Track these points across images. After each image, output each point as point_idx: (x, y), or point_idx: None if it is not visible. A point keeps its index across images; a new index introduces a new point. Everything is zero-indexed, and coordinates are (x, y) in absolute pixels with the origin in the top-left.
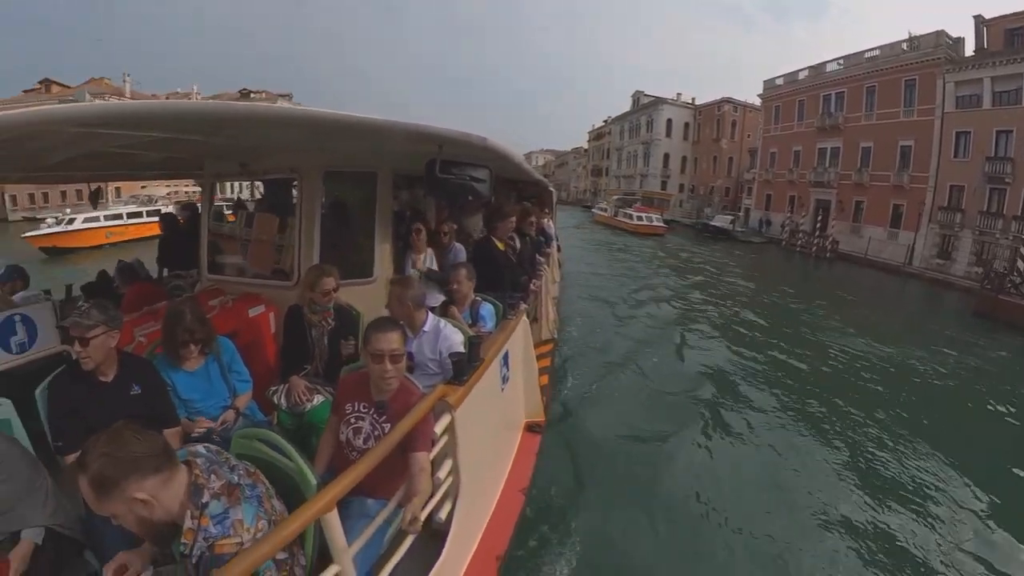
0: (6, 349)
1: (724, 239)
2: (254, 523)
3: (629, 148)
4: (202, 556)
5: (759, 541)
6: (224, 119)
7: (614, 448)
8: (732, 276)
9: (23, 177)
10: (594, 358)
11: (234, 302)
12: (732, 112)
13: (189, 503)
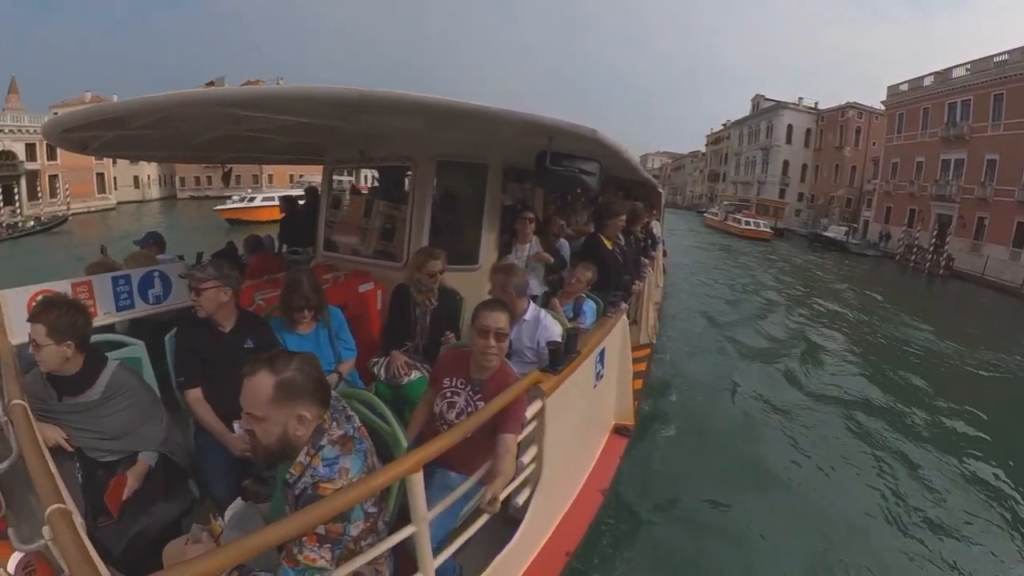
0: (144, 299)
1: (836, 250)
2: (357, 475)
3: (747, 154)
4: (304, 491)
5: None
6: (358, 103)
7: (704, 464)
8: (833, 288)
9: (167, 156)
10: (690, 366)
11: (346, 277)
12: (857, 118)
13: (309, 441)
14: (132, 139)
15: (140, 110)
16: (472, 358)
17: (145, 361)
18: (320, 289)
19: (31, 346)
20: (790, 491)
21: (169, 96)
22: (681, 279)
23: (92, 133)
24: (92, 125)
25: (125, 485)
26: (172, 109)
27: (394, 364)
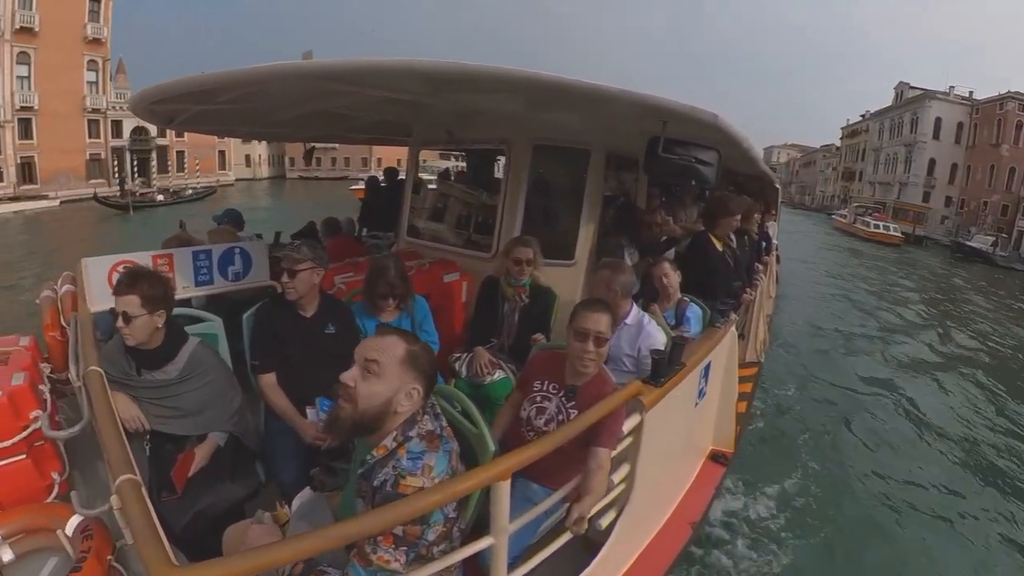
0: (223, 275)
1: (981, 263)
2: (441, 475)
3: (888, 150)
4: (383, 484)
5: None
6: (459, 78)
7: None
8: (967, 303)
9: (248, 132)
10: (801, 390)
11: (431, 266)
12: (1018, 111)
13: (400, 427)
14: (217, 114)
15: (231, 83)
16: (567, 362)
17: (221, 338)
18: (407, 276)
19: (119, 318)
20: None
21: (261, 68)
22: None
23: (179, 106)
24: (180, 98)
25: (192, 462)
26: (264, 82)
27: (477, 361)
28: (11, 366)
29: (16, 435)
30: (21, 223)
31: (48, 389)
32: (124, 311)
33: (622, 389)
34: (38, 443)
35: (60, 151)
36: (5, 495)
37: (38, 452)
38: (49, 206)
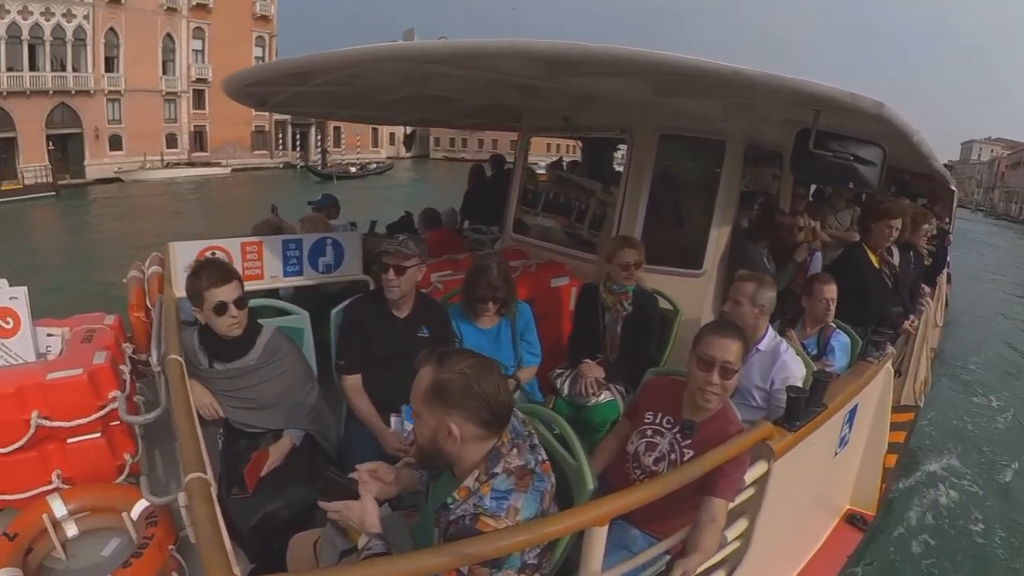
0: (313, 267)
1: None
2: (528, 519)
3: None
4: (461, 519)
5: None
6: (574, 61)
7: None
8: None
9: (346, 115)
10: (972, 446)
11: (537, 267)
12: None
13: (482, 464)
14: (312, 96)
15: (327, 65)
16: (686, 392)
17: (308, 333)
18: (510, 280)
19: (229, 308)
20: None
21: (356, 50)
22: (972, 313)
23: (273, 88)
24: (275, 80)
25: (266, 461)
26: (359, 64)
27: (582, 380)
28: (94, 344)
29: (93, 413)
30: (204, 185)
31: (128, 370)
32: (238, 296)
33: (748, 430)
34: (113, 423)
35: (229, 122)
36: (76, 472)
37: (113, 432)
38: (221, 172)
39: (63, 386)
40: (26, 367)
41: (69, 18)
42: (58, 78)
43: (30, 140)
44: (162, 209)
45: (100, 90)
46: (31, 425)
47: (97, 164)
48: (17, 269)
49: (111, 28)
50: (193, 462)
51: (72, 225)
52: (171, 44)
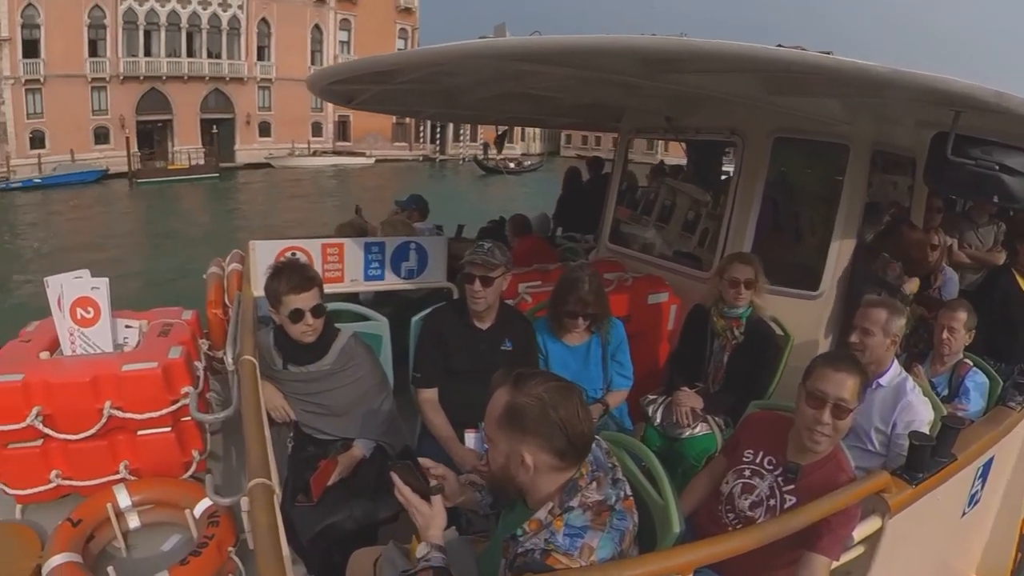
0: (395, 272)
1: None
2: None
3: None
4: (530, 553)
5: None
6: (671, 56)
7: None
8: None
9: (434, 114)
10: None
11: (634, 281)
12: None
13: (556, 496)
14: (400, 94)
15: (413, 63)
16: (793, 431)
17: (386, 340)
18: (603, 295)
19: (306, 315)
20: None
21: (444, 48)
22: None
23: (359, 86)
24: (360, 78)
25: (333, 470)
26: (448, 62)
27: (678, 409)
28: (171, 339)
29: (164, 408)
30: (349, 174)
31: (203, 367)
32: (316, 304)
33: (862, 479)
34: (184, 419)
35: (371, 113)
36: (144, 464)
37: (182, 428)
38: (365, 162)
39: (137, 378)
40: (103, 357)
41: (225, 7)
42: (213, 65)
43: (185, 123)
44: (311, 195)
45: (252, 78)
46: (103, 414)
47: (247, 149)
48: (186, 240)
49: (263, 18)
50: (259, 467)
51: (231, 204)
52: (319, 35)
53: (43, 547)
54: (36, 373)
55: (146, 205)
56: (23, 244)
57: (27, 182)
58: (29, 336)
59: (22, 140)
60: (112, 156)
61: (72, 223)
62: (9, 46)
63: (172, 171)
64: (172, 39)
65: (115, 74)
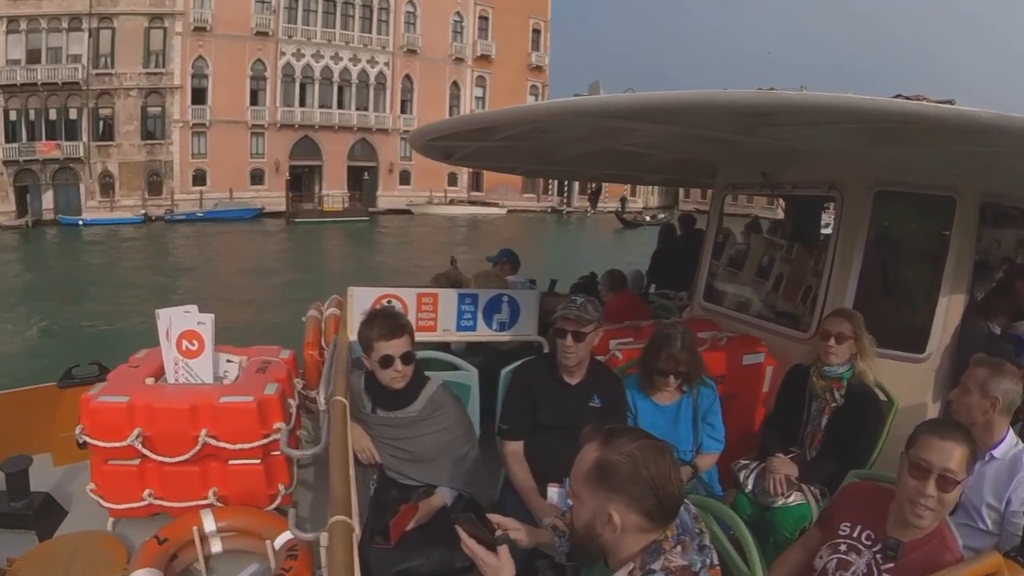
0: (487, 324)
1: None
2: None
3: None
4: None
5: None
6: (763, 110)
7: None
8: None
9: (530, 170)
10: None
11: (728, 341)
12: None
13: (639, 558)
14: (497, 150)
15: (510, 120)
16: (894, 504)
17: (474, 390)
18: (695, 353)
19: (396, 362)
20: None
21: (540, 106)
22: None
23: (457, 143)
24: (458, 135)
25: (413, 516)
26: (543, 120)
27: (771, 476)
28: (268, 375)
29: (256, 440)
30: (482, 223)
31: (296, 404)
32: (406, 352)
33: (970, 560)
34: (274, 453)
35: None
36: (231, 492)
37: (271, 461)
38: (497, 212)
39: (233, 410)
40: (203, 387)
41: (373, 64)
42: (361, 116)
43: (333, 169)
44: (447, 240)
45: (395, 129)
46: (199, 441)
47: (387, 196)
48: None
49: (407, 75)
50: (341, 505)
51: (374, 245)
52: (456, 91)
53: (129, 560)
54: (140, 397)
55: (299, 242)
56: (173, 270)
57: (190, 215)
58: (138, 362)
59: (186, 177)
60: (266, 196)
61: (228, 254)
62: (180, 93)
63: (326, 213)
64: (325, 92)
65: (272, 122)
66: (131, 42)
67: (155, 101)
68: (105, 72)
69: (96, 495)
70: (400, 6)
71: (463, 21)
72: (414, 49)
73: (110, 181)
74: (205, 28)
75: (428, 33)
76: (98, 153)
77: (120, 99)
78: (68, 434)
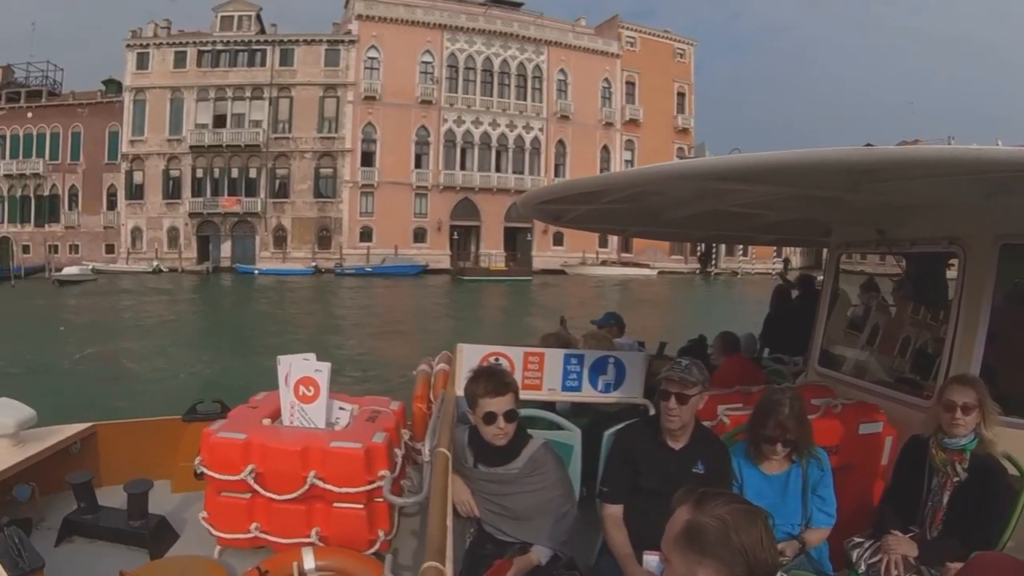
0: (593, 384)
1: None
2: None
3: None
4: None
5: None
6: (876, 168)
7: None
8: None
9: (638, 232)
10: None
11: (843, 408)
12: None
13: None
14: (604, 213)
15: (618, 184)
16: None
17: (577, 451)
18: (805, 421)
19: (498, 419)
20: None
21: (645, 170)
22: None
23: (565, 206)
24: (567, 199)
25: (507, 572)
26: (649, 184)
27: (886, 556)
28: (377, 424)
29: (361, 486)
30: (631, 283)
31: (402, 454)
32: (509, 410)
33: None
34: (377, 499)
35: None
36: (333, 534)
37: (374, 507)
38: (648, 273)
39: (341, 455)
40: (315, 432)
41: (528, 130)
42: (517, 179)
43: (491, 229)
44: (595, 300)
45: None
46: (307, 482)
47: (542, 256)
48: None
49: (560, 140)
50: (436, 554)
51: (533, 302)
52: (606, 155)
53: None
54: (257, 436)
55: (463, 297)
56: (332, 318)
57: (359, 269)
58: (257, 403)
59: (353, 233)
60: (427, 253)
61: (393, 306)
62: (351, 156)
63: (493, 271)
64: (483, 156)
65: (435, 184)
66: (307, 109)
67: (327, 163)
68: (283, 136)
69: (207, 523)
70: (552, 74)
71: (611, 87)
72: (567, 115)
73: (283, 234)
74: (374, 97)
75: (579, 99)
76: (273, 209)
77: (295, 160)
78: (188, 464)
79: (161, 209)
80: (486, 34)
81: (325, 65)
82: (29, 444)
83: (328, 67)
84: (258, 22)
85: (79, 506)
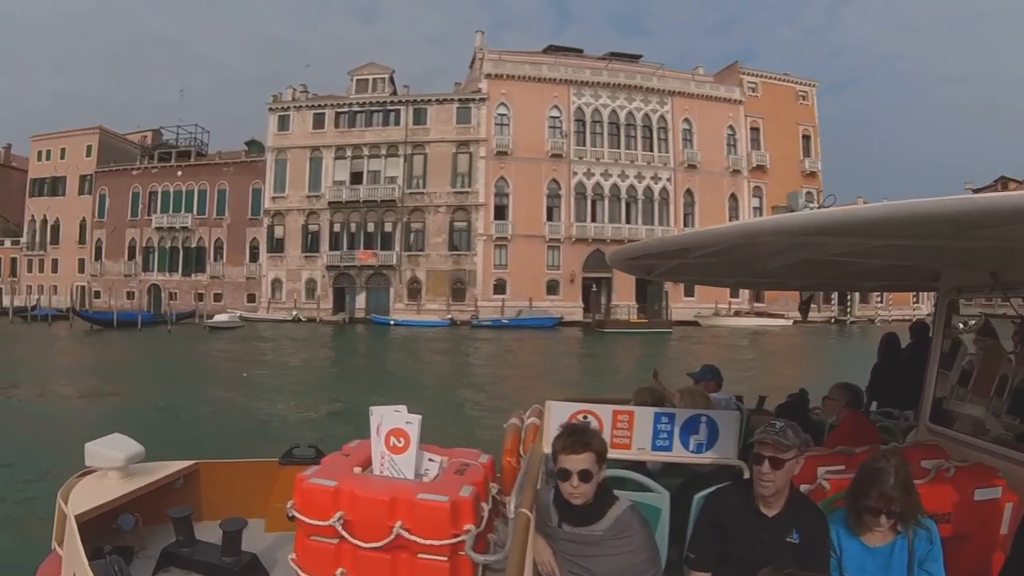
0: (684, 444)
1: None
2: None
3: None
4: None
5: None
6: (983, 216)
7: None
8: None
9: (734, 283)
10: None
11: (957, 472)
12: None
13: None
14: (696, 266)
15: (700, 243)
16: None
17: (664, 514)
18: (911, 489)
19: (574, 477)
20: None
21: (731, 227)
22: None
23: (655, 261)
24: (655, 255)
25: None
26: (730, 242)
27: None
28: (465, 477)
29: (446, 539)
30: (762, 335)
31: (489, 508)
32: (584, 469)
33: None
34: (461, 553)
35: None
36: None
37: (458, 560)
38: (783, 324)
39: (428, 507)
40: (404, 482)
41: (656, 180)
42: (647, 230)
43: (622, 283)
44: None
45: None
46: (393, 532)
47: (675, 307)
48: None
49: (688, 189)
50: None
51: (676, 355)
52: (734, 203)
53: None
54: (347, 483)
55: (606, 349)
56: (462, 369)
57: (495, 321)
58: (349, 451)
59: (487, 285)
60: (560, 305)
61: (530, 360)
62: (484, 210)
63: (632, 324)
64: (613, 207)
65: (567, 236)
66: (440, 165)
67: (461, 216)
68: (417, 191)
69: (295, 564)
70: (677, 124)
71: (735, 134)
72: (694, 164)
73: (417, 287)
74: (506, 152)
75: (705, 148)
76: (408, 261)
77: (430, 214)
78: (281, 505)
79: (300, 261)
80: (610, 87)
81: (457, 122)
82: (136, 477)
83: (460, 124)
84: (391, 84)
85: (178, 539)
